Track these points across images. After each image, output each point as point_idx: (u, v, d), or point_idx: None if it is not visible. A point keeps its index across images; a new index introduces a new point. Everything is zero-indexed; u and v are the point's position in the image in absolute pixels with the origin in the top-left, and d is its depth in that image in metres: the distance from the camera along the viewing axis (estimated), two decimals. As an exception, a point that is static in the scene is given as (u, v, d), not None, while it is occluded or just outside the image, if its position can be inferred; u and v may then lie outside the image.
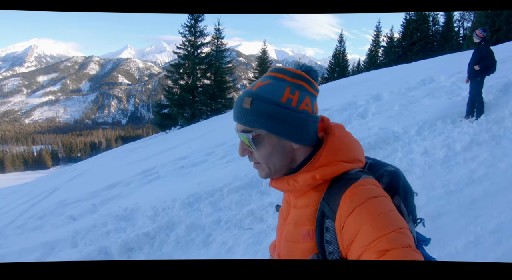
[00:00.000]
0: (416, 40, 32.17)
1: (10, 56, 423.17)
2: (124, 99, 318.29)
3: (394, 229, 0.83)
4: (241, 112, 1.04)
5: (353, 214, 0.89)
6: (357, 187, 0.94)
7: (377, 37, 38.35)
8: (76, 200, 7.88)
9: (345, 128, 1.11)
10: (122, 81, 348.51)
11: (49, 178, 18.54)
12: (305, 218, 1.05)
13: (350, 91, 12.12)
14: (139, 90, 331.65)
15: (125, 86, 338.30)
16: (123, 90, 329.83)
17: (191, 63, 24.92)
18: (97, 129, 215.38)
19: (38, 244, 5.51)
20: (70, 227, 6.07)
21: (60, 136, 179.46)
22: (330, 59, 40.96)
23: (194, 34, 25.30)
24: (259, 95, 1.02)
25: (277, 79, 1.04)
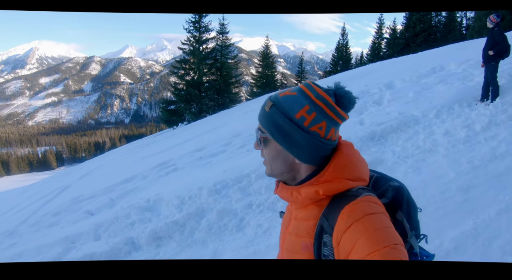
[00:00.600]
0: (419, 31, 31.93)
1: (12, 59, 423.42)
2: (127, 98, 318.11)
3: (388, 244, 0.85)
4: (261, 113, 1.09)
5: (350, 229, 0.92)
6: (356, 204, 0.96)
7: (380, 29, 38.06)
8: (91, 196, 7.98)
9: (354, 146, 1.13)
10: (124, 81, 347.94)
11: (57, 177, 18.63)
12: (304, 230, 1.07)
13: (360, 81, 12.15)
14: (141, 88, 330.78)
15: (127, 85, 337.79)
16: (125, 89, 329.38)
17: (196, 59, 24.95)
18: (101, 129, 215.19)
19: (57, 239, 5.61)
20: (90, 221, 6.21)
21: (64, 137, 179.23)
22: (333, 53, 40.85)
23: (199, 30, 25.30)
24: (279, 103, 1.05)
25: (303, 94, 1.05)
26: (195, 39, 25.39)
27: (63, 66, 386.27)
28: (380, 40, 37.98)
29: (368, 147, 5.80)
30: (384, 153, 5.65)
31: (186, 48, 25.66)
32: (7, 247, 6.20)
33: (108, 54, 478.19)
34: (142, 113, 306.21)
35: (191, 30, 25.34)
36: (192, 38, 25.44)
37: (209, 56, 25.86)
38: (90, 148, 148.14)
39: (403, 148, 5.71)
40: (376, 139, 6.04)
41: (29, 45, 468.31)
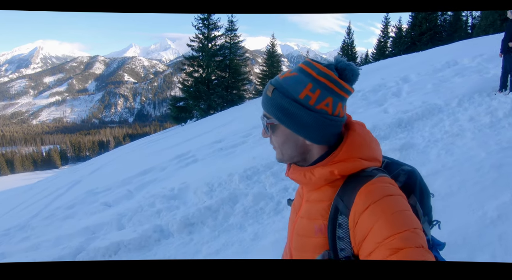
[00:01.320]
0: (425, 30, 31.85)
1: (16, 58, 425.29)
2: (130, 97, 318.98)
3: (408, 228, 0.84)
4: (264, 98, 1.06)
5: (368, 210, 0.89)
6: (373, 184, 0.94)
7: (386, 28, 38.00)
8: (106, 188, 8.00)
9: (365, 126, 1.11)
10: (128, 80, 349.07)
11: (64, 174, 18.62)
12: (318, 213, 1.04)
13: (375, 75, 12.18)
14: (145, 88, 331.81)
15: (131, 84, 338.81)
16: (129, 88, 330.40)
17: (205, 55, 25.00)
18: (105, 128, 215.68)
19: (77, 230, 5.65)
20: (109, 212, 6.28)
21: (68, 135, 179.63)
22: (338, 52, 40.90)
23: (207, 27, 25.35)
24: (281, 86, 1.02)
25: (304, 72, 1.01)
26: (204, 36, 25.45)
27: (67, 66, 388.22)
28: (386, 39, 37.98)
29: (396, 133, 5.92)
30: (413, 138, 5.75)
31: (195, 45, 25.70)
32: (20, 240, 6.28)
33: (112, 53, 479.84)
34: (146, 112, 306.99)
35: (200, 27, 25.36)
36: (201, 35, 25.50)
37: (217, 53, 25.92)
38: (94, 147, 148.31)
39: (431, 133, 5.82)
40: (403, 126, 6.17)
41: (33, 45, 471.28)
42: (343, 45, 39.75)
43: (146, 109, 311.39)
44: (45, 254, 4.92)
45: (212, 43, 25.67)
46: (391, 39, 37.05)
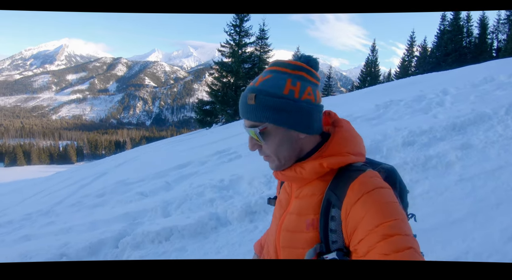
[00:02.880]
0: (450, 51, 31.65)
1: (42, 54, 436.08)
2: (150, 101, 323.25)
3: (398, 217, 0.88)
4: (246, 109, 1.06)
5: (360, 200, 0.93)
6: (365, 177, 0.98)
7: (411, 47, 38.06)
8: (139, 180, 8.10)
9: (350, 123, 1.16)
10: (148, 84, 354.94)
11: (85, 167, 18.79)
12: (309, 207, 1.07)
13: (412, 88, 12.17)
14: (164, 93, 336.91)
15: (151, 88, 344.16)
16: (149, 92, 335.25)
17: (236, 61, 25.22)
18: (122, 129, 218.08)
19: (114, 216, 5.80)
20: (149, 200, 6.37)
21: (85, 133, 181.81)
22: (361, 68, 40.86)
23: (239, 33, 25.70)
24: (262, 90, 1.04)
25: (278, 72, 1.06)
26: (235, 43, 25.76)
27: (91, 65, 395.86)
28: (410, 58, 37.99)
29: (451, 136, 5.96)
30: (470, 139, 5.75)
31: (225, 50, 26.00)
32: (45, 224, 6.43)
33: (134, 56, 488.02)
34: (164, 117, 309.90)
35: (232, 33, 25.70)
36: (232, 41, 25.81)
37: (247, 60, 26.16)
38: (110, 146, 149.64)
39: (486, 136, 5.80)
40: (457, 129, 6.21)
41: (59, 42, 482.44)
42: (367, 62, 39.70)
43: (164, 114, 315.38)
44: (79, 237, 5.06)
45: (242, 50, 25.94)
46: (415, 59, 36.93)
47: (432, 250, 3.21)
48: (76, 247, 4.67)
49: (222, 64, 25.94)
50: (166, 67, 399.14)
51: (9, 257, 4.71)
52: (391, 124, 7.51)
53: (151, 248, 4.50)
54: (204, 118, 25.57)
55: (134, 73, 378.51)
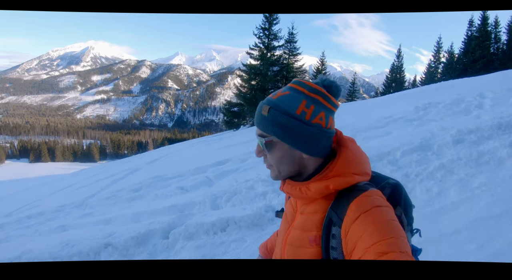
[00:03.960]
0: (478, 57, 30.62)
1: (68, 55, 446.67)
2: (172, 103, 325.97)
3: (394, 235, 0.89)
4: (259, 118, 1.10)
5: (358, 220, 0.95)
6: (364, 197, 1.00)
7: (438, 53, 37.30)
8: (177, 175, 8.34)
9: (355, 141, 1.18)
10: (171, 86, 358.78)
11: (112, 165, 19.26)
12: (312, 224, 1.09)
13: (447, 92, 12.09)
14: (187, 95, 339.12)
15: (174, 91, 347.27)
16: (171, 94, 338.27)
17: (265, 64, 25.34)
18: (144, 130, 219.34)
19: (158, 208, 5.95)
20: (193, 194, 6.55)
21: (109, 133, 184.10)
22: (386, 74, 40.22)
23: (268, 36, 25.83)
24: (276, 105, 1.07)
25: (296, 91, 1.09)
26: (264, 45, 25.90)
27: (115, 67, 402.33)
28: (437, 64, 37.29)
29: (498, 135, 5.98)
30: None
31: (254, 53, 26.12)
32: (80, 216, 6.70)
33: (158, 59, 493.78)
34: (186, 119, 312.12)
35: (261, 36, 25.84)
36: (261, 44, 25.96)
37: (276, 62, 26.26)
38: (133, 147, 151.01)
39: None
40: (503, 128, 6.20)
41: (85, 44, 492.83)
42: (392, 68, 39.11)
43: (186, 116, 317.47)
44: (123, 228, 5.22)
45: (271, 52, 26.02)
46: (441, 65, 36.29)
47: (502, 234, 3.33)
48: (123, 237, 4.82)
49: (250, 67, 26.07)
50: (189, 70, 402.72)
51: (50, 245, 4.84)
52: (435, 124, 7.56)
53: (207, 239, 4.62)
54: (231, 120, 25.74)
55: (157, 76, 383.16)
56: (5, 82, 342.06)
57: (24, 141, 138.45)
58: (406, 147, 6.07)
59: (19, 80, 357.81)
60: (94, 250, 4.71)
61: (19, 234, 6.05)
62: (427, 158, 5.62)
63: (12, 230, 6.51)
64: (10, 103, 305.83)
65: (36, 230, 6.09)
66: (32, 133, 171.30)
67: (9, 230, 6.53)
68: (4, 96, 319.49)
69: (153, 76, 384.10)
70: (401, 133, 7.46)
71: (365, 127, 9.00)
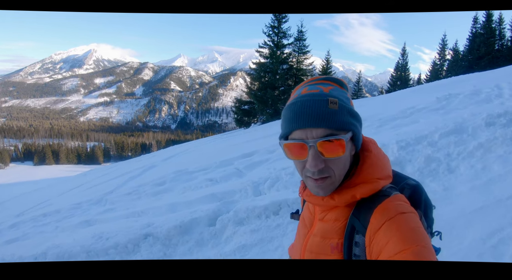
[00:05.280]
0: (483, 54, 30.62)
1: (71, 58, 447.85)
2: (175, 105, 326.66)
3: (419, 244, 0.86)
4: (328, 115, 0.94)
5: (383, 227, 0.92)
6: (388, 203, 0.97)
7: (443, 50, 37.35)
8: (201, 169, 8.42)
9: (377, 143, 1.13)
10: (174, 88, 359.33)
11: (127, 163, 19.30)
12: (334, 231, 1.05)
13: (463, 85, 12.14)
14: (189, 97, 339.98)
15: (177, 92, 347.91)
16: (174, 96, 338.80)
17: (275, 62, 25.48)
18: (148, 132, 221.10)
19: (196, 198, 6.08)
20: (225, 184, 6.66)
21: (112, 135, 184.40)
22: (391, 73, 40.11)
23: (277, 35, 25.95)
24: (339, 98, 0.98)
25: (335, 86, 1.04)
26: (273, 44, 26.02)
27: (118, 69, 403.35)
28: (442, 62, 37.30)
29: None
30: None
31: (264, 51, 26.26)
32: (102, 211, 6.79)
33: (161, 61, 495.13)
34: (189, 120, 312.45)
35: (270, 34, 25.97)
36: (270, 42, 26.08)
37: (286, 60, 26.36)
38: (136, 148, 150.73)
39: None
40: None
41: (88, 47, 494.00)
42: (397, 66, 39.17)
43: (189, 118, 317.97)
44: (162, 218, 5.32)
45: (281, 51, 26.11)
46: (447, 63, 36.30)
47: None
48: (165, 227, 4.89)
49: (260, 65, 26.22)
50: (192, 72, 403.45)
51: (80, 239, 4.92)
52: (461, 111, 7.78)
53: (260, 223, 4.68)
54: (242, 118, 25.88)
55: (160, 78, 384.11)
56: (8, 86, 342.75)
57: (28, 144, 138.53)
58: (442, 130, 6.32)
59: (22, 83, 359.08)
60: (133, 241, 4.78)
61: (39, 231, 6.14)
62: (464, 139, 5.88)
63: (28, 228, 6.58)
64: (14, 106, 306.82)
65: (57, 227, 6.20)
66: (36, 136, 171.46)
67: (24, 228, 6.61)
68: (7, 100, 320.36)
69: (155, 78, 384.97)
70: (429, 120, 7.67)
71: (391, 117, 9.20)
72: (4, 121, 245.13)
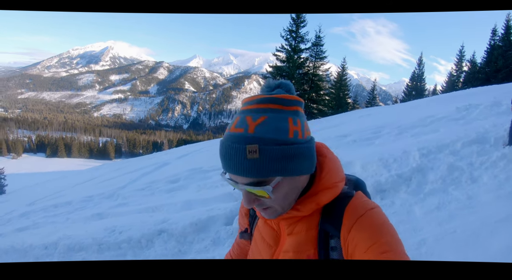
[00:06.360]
0: (501, 66, 29.99)
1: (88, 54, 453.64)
2: (188, 105, 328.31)
3: (391, 235, 0.89)
4: (247, 165, 0.87)
5: (355, 226, 0.92)
6: (355, 201, 0.98)
7: (460, 61, 36.90)
8: (216, 168, 8.47)
9: (326, 145, 1.10)
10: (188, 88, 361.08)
11: (138, 160, 19.58)
12: (308, 242, 1.01)
13: (482, 96, 12.05)
14: (203, 98, 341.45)
15: (190, 93, 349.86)
16: (188, 96, 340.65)
17: (292, 66, 25.66)
18: (160, 130, 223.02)
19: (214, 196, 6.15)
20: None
21: (125, 132, 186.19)
22: (407, 82, 39.89)
23: (295, 39, 26.15)
24: (264, 139, 0.86)
25: (273, 111, 0.90)
26: (291, 48, 26.20)
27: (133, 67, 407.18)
28: (459, 73, 36.77)
29: None
30: None
31: (281, 55, 26.48)
32: (115, 205, 6.88)
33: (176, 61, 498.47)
34: (201, 121, 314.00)
35: (288, 38, 26.18)
36: (288, 46, 26.26)
37: (302, 65, 26.63)
38: (148, 146, 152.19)
39: None
40: None
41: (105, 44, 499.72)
42: (413, 76, 39.07)
43: (202, 119, 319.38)
44: (177, 215, 5.36)
45: (298, 55, 26.31)
46: (463, 74, 35.74)
47: None
48: (181, 224, 4.91)
49: (277, 68, 26.43)
50: (206, 73, 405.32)
51: (92, 231, 4.96)
52: (482, 122, 7.74)
53: None
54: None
55: (174, 77, 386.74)
56: (25, 78, 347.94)
57: (41, 136, 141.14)
58: (464, 140, 6.30)
59: (39, 76, 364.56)
60: (147, 237, 4.78)
61: (50, 222, 6.19)
62: (486, 149, 5.88)
63: (39, 218, 6.66)
64: (30, 98, 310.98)
65: (68, 218, 6.26)
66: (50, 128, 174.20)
67: (35, 218, 6.69)
68: (24, 92, 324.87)
69: (170, 78, 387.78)
70: (450, 130, 7.64)
71: (410, 125, 9.19)
72: (20, 112, 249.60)
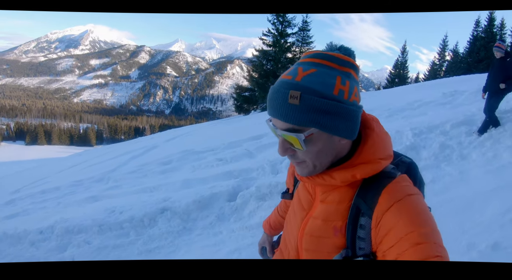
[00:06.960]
0: (482, 57, 30.59)
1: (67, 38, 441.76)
2: (170, 90, 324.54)
3: (428, 226, 0.86)
4: (287, 109, 0.89)
5: (391, 209, 0.90)
6: (395, 184, 0.95)
7: (443, 51, 37.45)
8: (209, 149, 8.55)
9: (379, 121, 1.07)
10: (170, 73, 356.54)
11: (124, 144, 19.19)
12: (337, 213, 1.01)
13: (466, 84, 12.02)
14: (185, 83, 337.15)
15: (172, 78, 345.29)
16: (170, 81, 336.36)
17: (279, 50, 25.60)
18: (141, 116, 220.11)
19: (211, 175, 6.23)
20: (238, 164, 6.80)
21: (106, 117, 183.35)
22: (390, 69, 40.11)
23: (282, 23, 26.00)
24: (307, 88, 0.88)
25: (324, 67, 0.91)
26: (277, 32, 26.07)
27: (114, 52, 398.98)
28: (442, 62, 37.42)
29: None
30: None
31: (268, 39, 26.28)
32: (107, 188, 6.86)
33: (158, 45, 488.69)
34: (183, 106, 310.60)
35: (275, 22, 25.98)
36: (274, 30, 26.09)
37: (289, 50, 26.50)
38: (130, 132, 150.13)
39: None
40: None
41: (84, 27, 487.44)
42: (396, 64, 39.06)
43: (184, 104, 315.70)
44: (179, 193, 5.44)
45: (285, 39, 26.21)
46: (446, 63, 36.47)
47: None
48: (183, 201, 5.00)
49: (263, 52, 26.23)
50: (188, 57, 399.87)
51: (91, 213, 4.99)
52: (469, 107, 8.13)
53: None
54: (242, 105, 25.99)
55: (156, 62, 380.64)
56: (2, 64, 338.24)
57: (20, 123, 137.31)
58: (453, 122, 6.73)
59: (17, 62, 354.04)
60: (149, 215, 4.84)
61: (40, 207, 6.14)
62: (473, 130, 6.35)
63: (27, 204, 6.60)
64: (7, 85, 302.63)
65: (59, 203, 6.20)
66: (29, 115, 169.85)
67: (23, 205, 6.63)
68: (1, 78, 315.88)
69: (151, 62, 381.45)
70: (437, 113, 8.04)
71: (400, 108, 9.52)
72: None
